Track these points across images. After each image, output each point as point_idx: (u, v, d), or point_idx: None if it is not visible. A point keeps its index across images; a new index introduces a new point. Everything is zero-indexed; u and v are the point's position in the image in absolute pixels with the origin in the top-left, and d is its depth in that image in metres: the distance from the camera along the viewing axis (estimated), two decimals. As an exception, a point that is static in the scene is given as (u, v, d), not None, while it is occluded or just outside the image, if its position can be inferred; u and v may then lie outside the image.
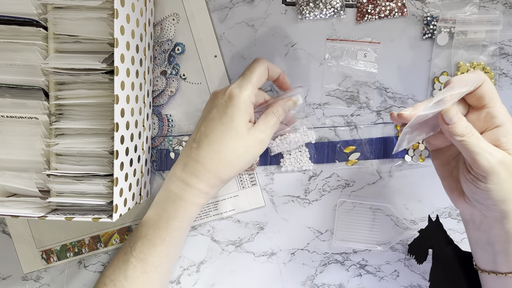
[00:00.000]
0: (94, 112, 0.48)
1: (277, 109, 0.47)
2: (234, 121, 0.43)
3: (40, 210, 0.47)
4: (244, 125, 0.43)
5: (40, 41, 0.47)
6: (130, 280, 0.44)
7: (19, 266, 0.58)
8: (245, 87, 0.43)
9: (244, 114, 0.43)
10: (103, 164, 0.48)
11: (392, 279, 0.57)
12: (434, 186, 0.55)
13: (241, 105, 0.43)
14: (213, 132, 0.43)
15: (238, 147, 0.43)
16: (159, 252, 0.44)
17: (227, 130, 0.43)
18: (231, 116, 0.43)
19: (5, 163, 0.51)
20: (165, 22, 0.55)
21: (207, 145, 0.43)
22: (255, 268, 0.57)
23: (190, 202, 0.44)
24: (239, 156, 0.43)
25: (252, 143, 0.44)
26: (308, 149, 0.55)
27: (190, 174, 0.43)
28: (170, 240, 0.45)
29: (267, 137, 0.45)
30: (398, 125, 0.55)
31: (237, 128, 0.43)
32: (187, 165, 0.44)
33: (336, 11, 0.53)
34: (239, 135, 0.43)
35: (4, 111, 0.49)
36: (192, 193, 0.44)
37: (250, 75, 0.44)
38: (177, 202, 0.44)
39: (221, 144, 0.43)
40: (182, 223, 0.44)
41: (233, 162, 0.43)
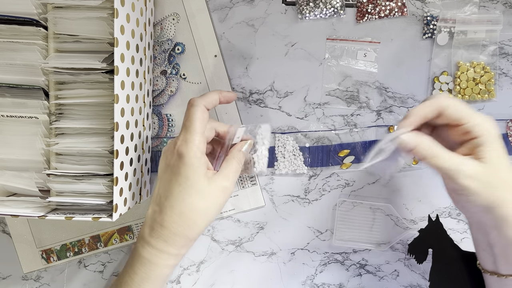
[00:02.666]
0: (94, 112, 0.48)
1: (236, 154, 0.46)
2: (190, 179, 0.41)
3: (40, 210, 0.47)
4: (202, 180, 0.42)
5: (40, 40, 0.47)
6: None
7: (19, 265, 0.59)
8: (190, 141, 0.42)
9: (198, 168, 0.42)
10: (103, 163, 0.48)
11: (392, 279, 0.57)
12: (434, 186, 0.55)
13: (193, 161, 0.41)
14: (172, 195, 0.42)
15: (201, 203, 0.42)
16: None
17: (185, 190, 0.41)
18: (185, 176, 0.41)
19: (5, 163, 0.51)
20: (165, 22, 0.55)
21: (169, 208, 0.42)
22: (255, 268, 0.57)
23: (162, 266, 0.43)
24: (204, 212, 0.42)
25: (215, 194, 0.43)
26: (303, 153, 0.55)
27: (157, 238, 0.42)
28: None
29: (231, 183, 0.44)
30: (391, 128, 0.55)
31: (195, 186, 0.41)
32: (153, 230, 0.43)
33: (336, 10, 0.53)
34: (199, 191, 0.42)
35: (4, 111, 0.49)
36: (162, 257, 0.43)
37: (191, 125, 0.42)
38: (147, 266, 0.43)
39: (183, 205, 0.42)
40: (155, 285, 0.44)
41: (198, 220, 0.42)
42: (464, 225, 0.55)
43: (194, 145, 0.42)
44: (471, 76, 0.53)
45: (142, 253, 0.43)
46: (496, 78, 0.54)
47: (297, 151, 0.55)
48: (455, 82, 0.54)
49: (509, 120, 0.54)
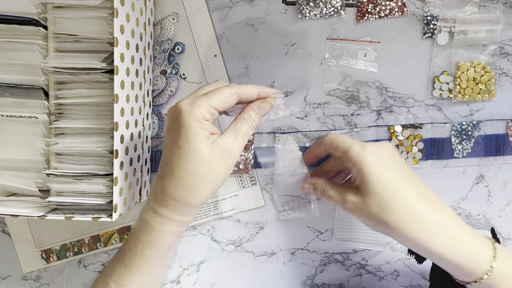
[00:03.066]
0: (94, 112, 0.48)
1: (248, 114, 0.42)
2: (190, 141, 0.38)
3: (40, 210, 0.47)
4: (204, 143, 0.39)
5: (40, 40, 0.47)
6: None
7: (18, 265, 0.58)
8: (199, 104, 0.39)
9: (199, 131, 0.38)
10: (103, 163, 0.48)
11: (392, 279, 0.57)
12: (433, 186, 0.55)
13: (192, 122, 0.38)
14: (172, 159, 0.40)
15: (202, 169, 0.39)
16: (136, 279, 0.43)
17: (185, 153, 0.39)
18: (185, 138, 0.38)
19: (5, 163, 0.51)
20: (165, 22, 0.55)
21: (170, 174, 0.40)
22: (255, 268, 0.57)
23: (165, 232, 0.42)
24: (205, 178, 0.39)
25: (217, 159, 0.39)
26: (302, 153, 0.55)
27: (160, 204, 0.41)
28: (147, 267, 0.43)
29: (236, 148, 0.40)
30: (391, 128, 0.55)
31: (195, 150, 0.38)
32: (156, 196, 0.41)
33: (336, 10, 0.53)
34: (199, 156, 0.39)
35: (4, 111, 0.49)
36: (165, 223, 0.41)
37: (211, 95, 0.40)
38: (150, 232, 0.42)
39: (182, 170, 0.39)
40: (159, 252, 0.43)
41: (199, 186, 0.39)
42: (464, 225, 0.55)
43: (199, 108, 0.39)
44: (471, 76, 0.53)
45: (146, 218, 0.42)
46: (496, 78, 0.54)
47: (297, 151, 0.55)
48: (455, 82, 0.54)
49: (509, 120, 0.54)
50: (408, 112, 0.55)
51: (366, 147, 0.42)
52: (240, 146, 0.41)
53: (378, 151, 0.42)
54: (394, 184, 0.41)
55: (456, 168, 0.55)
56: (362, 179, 0.42)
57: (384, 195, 0.41)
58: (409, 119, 0.55)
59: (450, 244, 0.40)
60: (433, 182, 0.55)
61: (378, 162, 0.42)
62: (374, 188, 0.41)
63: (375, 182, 0.41)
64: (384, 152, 0.43)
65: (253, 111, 0.42)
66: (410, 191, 0.42)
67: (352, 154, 0.42)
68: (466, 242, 0.41)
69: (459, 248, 0.41)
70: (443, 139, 0.55)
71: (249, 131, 0.42)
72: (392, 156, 0.43)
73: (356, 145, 0.42)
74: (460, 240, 0.41)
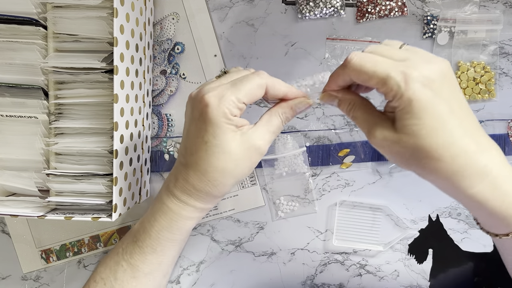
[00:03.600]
0: (94, 111, 0.48)
1: (284, 110, 0.39)
2: (217, 138, 0.37)
3: (39, 210, 0.47)
4: (231, 139, 0.37)
5: (40, 40, 0.47)
6: (120, 282, 0.43)
7: (18, 265, 0.58)
8: (227, 99, 0.36)
9: (226, 127, 0.37)
10: (103, 163, 0.47)
11: (392, 279, 0.56)
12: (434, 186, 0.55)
13: (220, 119, 0.36)
14: (198, 152, 0.38)
15: (228, 165, 0.38)
16: (150, 261, 0.43)
17: (211, 149, 0.37)
18: (212, 134, 0.37)
19: (5, 163, 0.51)
20: (164, 21, 0.55)
21: (194, 165, 0.38)
22: (255, 268, 0.57)
23: (184, 217, 0.41)
24: (230, 174, 0.38)
25: (245, 155, 0.38)
26: (303, 152, 0.55)
27: (182, 191, 0.40)
28: (162, 250, 0.43)
29: (265, 144, 0.39)
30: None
31: (222, 146, 0.37)
32: (178, 181, 0.40)
33: (336, 10, 0.53)
34: (226, 152, 0.37)
35: (4, 111, 0.49)
36: (186, 209, 0.41)
37: (240, 86, 0.37)
38: (170, 215, 0.41)
39: (207, 165, 0.38)
40: (175, 236, 0.42)
41: (223, 181, 0.38)
42: (464, 225, 0.55)
43: (226, 104, 0.36)
44: (471, 75, 0.53)
45: (166, 202, 0.41)
46: (497, 77, 0.54)
47: (297, 150, 0.55)
48: (456, 82, 0.54)
49: (509, 120, 0.54)
50: (408, 112, 0.55)
51: (411, 78, 0.31)
52: (269, 142, 0.39)
53: (427, 79, 0.32)
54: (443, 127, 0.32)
55: (456, 168, 0.55)
56: (402, 117, 0.33)
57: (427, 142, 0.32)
58: (409, 119, 0.55)
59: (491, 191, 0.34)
60: (433, 182, 0.55)
61: (426, 98, 0.31)
62: (417, 132, 0.32)
63: (420, 125, 0.32)
64: (435, 79, 0.32)
65: (290, 108, 0.40)
66: (460, 133, 0.32)
67: (391, 88, 0.32)
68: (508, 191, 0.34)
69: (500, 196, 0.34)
70: (443, 139, 0.55)
71: (281, 127, 0.40)
72: (446, 85, 0.33)
73: (395, 75, 0.32)
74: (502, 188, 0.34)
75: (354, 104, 0.37)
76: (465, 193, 0.34)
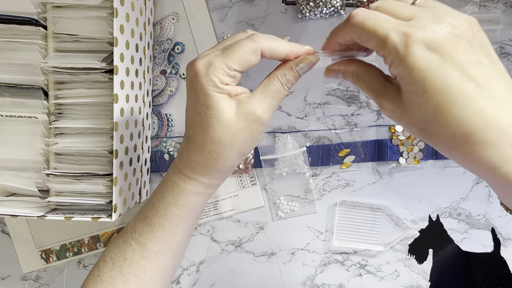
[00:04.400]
0: (94, 111, 0.48)
1: (283, 71, 0.36)
2: (209, 108, 0.34)
3: (39, 210, 0.47)
4: (226, 109, 0.35)
5: (40, 40, 0.47)
6: (129, 262, 0.42)
7: (18, 266, 0.58)
8: (215, 67, 0.34)
9: (218, 95, 0.34)
10: (103, 163, 0.47)
11: (392, 279, 0.56)
12: (434, 186, 0.55)
13: (209, 87, 0.34)
14: (194, 124, 0.36)
15: (224, 136, 0.35)
16: (158, 239, 0.42)
17: (205, 120, 0.35)
18: (204, 104, 0.34)
19: (5, 163, 0.51)
20: (164, 21, 0.55)
21: (193, 138, 0.37)
22: (255, 268, 0.57)
23: (190, 192, 0.40)
24: (229, 145, 0.36)
25: (242, 125, 0.35)
26: (303, 152, 0.55)
27: (185, 166, 0.39)
28: (170, 227, 0.42)
29: (265, 111, 0.35)
30: (392, 128, 0.55)
31: (216, 116, 0.35)
32: (182, 155, 0.39)
33: (336, 10, 0.53)
34: (221, 123, 0.35)
35: (4, 111, 0.49)
36: (191, 183, 0.39)
37: (230, 52, 0.34)
38: (175, 190, 0.40)
39: (204, 137, 0.36)
40: (183, 212, 0.41)
41: (223, 153, 0.36)
42: (465, 225, 0.55)
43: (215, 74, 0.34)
44: (471, 75, 0.53)
45: (173, 177, 0.40)
46: (497, 77, 0.54)
47: (297, 150, 0.55)
48: (456, 82, 0.53)
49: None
50: (408, 112, 0.55)
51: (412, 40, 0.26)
52: (270, 109, 0.35)
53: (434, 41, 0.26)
54: (455, 101, 0.26)
55: (456, 168, 0.55)
56: (405, 89, 0.28)
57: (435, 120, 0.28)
58: (409, 119, 0.55)
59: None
60: (434, 182, 0.55)
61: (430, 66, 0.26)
62: (423, 107, 0.28)
63: (425, 99, 0.27)
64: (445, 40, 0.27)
65: (289, 69, 0.36)
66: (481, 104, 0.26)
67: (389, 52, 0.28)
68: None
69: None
70: (444, 139, 0.55)
71: (282, 92, 0.36)
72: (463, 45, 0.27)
73: (395, 36, 0.27)
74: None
75: (358, 74, 0.33)
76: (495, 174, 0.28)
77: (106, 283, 0.43)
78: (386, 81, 0.32)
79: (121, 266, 0.42)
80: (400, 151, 0.55)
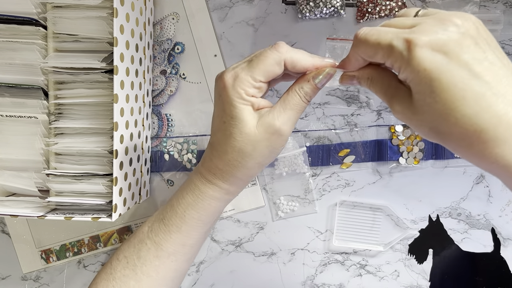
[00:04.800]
0: (94, 111, 0.48)
1: (301, 86, 0.37)
2: (234, 119, 0.37)
3: (39, 210, 0.47)
4: (249, 121, 0.36)
5: (40, 40, 0.47)
6: (143, 261, 0.43)
7: (18, 266, 0.58)
8: (241, 80, 0.36)
9: (242, 107, 0.36)
10: (103, 163, 0.47)
11: (392, 279, 0.56)
12: (434, 186, 0.55)
13: (235, 99, 0.36)
14: (218, 132, 0.39)
15: (245, 147, 0.37)
16: (174, 240, 0.42)
17: (229, 130, 0.37)
18: (229, 114, 0.37)
19: (5, 163, 0.51)
20: (164, 21, 0.55)
21: (217, 145, 0.39)
22: (255, 268, 0.57)
23: (210, 196, 0.41)
24: (249, 156, 0.38)
25: (263, 137, 0.37)
26: (303, 152, 0.55)
27: (207, 171, 0.41)
28: (186, 230, 0.42)
29: (284, 124, 0.37)
30: (392, 128, 0.55)
31: (239, 127, 0.37)
32: (205, 160, 0.41)
33: (336, 10, 0.53)
34: (243, 134, 0.37)
35: (4, 111, 0.49)
36: (212, 188, 0.41)
37: (255, 64, 0.36)
38: (196, 193, 0.42)
39: (226, 145, 0.38)
40: (201, 215, 0.42)
41: (243, 162, 0.38)
42: (465, 225, 0.55)
43: (241, 85, 0.36)
44: (471, 75, 0.53)
45: (194, 180, 0.42)
46: (497, 77, 0.54)
47: (297, 150, 0.55)
48: (456, 82, 0.53)
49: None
50: (408, 112, 0.55)
51: (415, 44, 0.27)
52: (290, 122, 0.37)
53: (438, 43, 0.27)
54: (463, 99, 0.27)
55: (456, 168, 0.55)
56: (414, 90, 0.29)
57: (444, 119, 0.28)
58: (409, 119, 0.55)
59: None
60: (434, 182, 0.55)
61: (435, 66, 0.27)
62: (432, 107, 0.28)
63: (433, 99, 0.28)
64: (449, 40, 0.27)
65: (307, 82, 0.37)
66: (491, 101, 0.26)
67: (395, 59, 0.29)
68: None
69: None
70: (443, 139, 0.55)
71: (301, 105, 0.37)
72: (468, 43, 0.27)
73: (398, 43, 0.28)
74: None
75: (373, 78, 0.34)
76: (509, 171, 0.28)
77: (119, 281, 0.43)
78: (398, 84, 0.32)
79: (135, 264, 0.43)
80: (400, 151, 0.55)
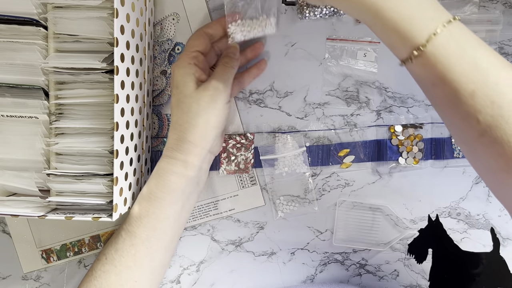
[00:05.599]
0: (94, 112, 0.48)
1: (226, 53, 0.49)
2: (179, 86, 0.46)
3: (40, 210, 0.47)
4: (190, 86, 0.45)
5: (40, 40, 0.47)
6: (120, 252, 0.45)
7: (19, 265, 0.59)
8: (181, 64, 0.46)
9: (183, 72, 0.46)
10: (103, 163, 0.48)
11: (392, 279, 0.57)
12: (434, 186, 0.55)
13: (179, 78, 0.46)
14: (173, 109, 0.46)
15: (190, 105, 0.45)
16: (145, 224, 0.45)
17: (177, 97, 0.46)
18: (176, 85, 0.46)
19: (5, 163, 0.51)
20: (165, 22, 0.55)
21: (173, 122, 0.46)
22: (255, 268, 0.57)
23: (168, 171, 0.45)
24: (196, 113, 0.45)
25: (203, 94, 0.45)
26: (303, 152, 0.55)
27: (167, 147, 0.46)
28: (154, 212, 0.45)
29: (219, 85, 0.45)
30: (392, 128, 0.55)
31: (183, 91, 0.45)
32: (167, 142, 0.47)
33: (336, 10, 0.53)
34: (187, 95, 0.45)
35: (4, 111, 0.49)
36: (170, 161, 0.45)
37: (187, 42, 0.48)
38: (158, 172, 0.46)
39: (177, 111, 0.45)
40: (163, 194, 0.45)
41: (192, 121, 0.45)
42: (464, 225, 0.55)
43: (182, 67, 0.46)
44: (471, 76, 0.53)
45: (158, 163, 0.47)
46: (496, 78, 0.54)
47: (297, 150, 0.55)
48: (455, 82, 0.54)
49: (509, 120, 0.54)
50: (408, 112, 0.55)
51: None
52: (224, 81, 0.46)
53: None
54: None
55: (456, 168, 0.55)
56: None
57: None
58: (409, 119, 0.55)
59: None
60: (433, 182, 0.55)
61: None
62: None
63: None
64: None
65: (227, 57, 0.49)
66: None
67: None
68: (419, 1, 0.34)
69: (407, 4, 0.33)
70: (443, 139, 0.55)
71: (229, 70, 0.47)
72: None
73: None
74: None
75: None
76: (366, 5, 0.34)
77: (99, 279, 0.45)
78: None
79: (113, 258, 0.45)
80: (400, 151, 0.55)
